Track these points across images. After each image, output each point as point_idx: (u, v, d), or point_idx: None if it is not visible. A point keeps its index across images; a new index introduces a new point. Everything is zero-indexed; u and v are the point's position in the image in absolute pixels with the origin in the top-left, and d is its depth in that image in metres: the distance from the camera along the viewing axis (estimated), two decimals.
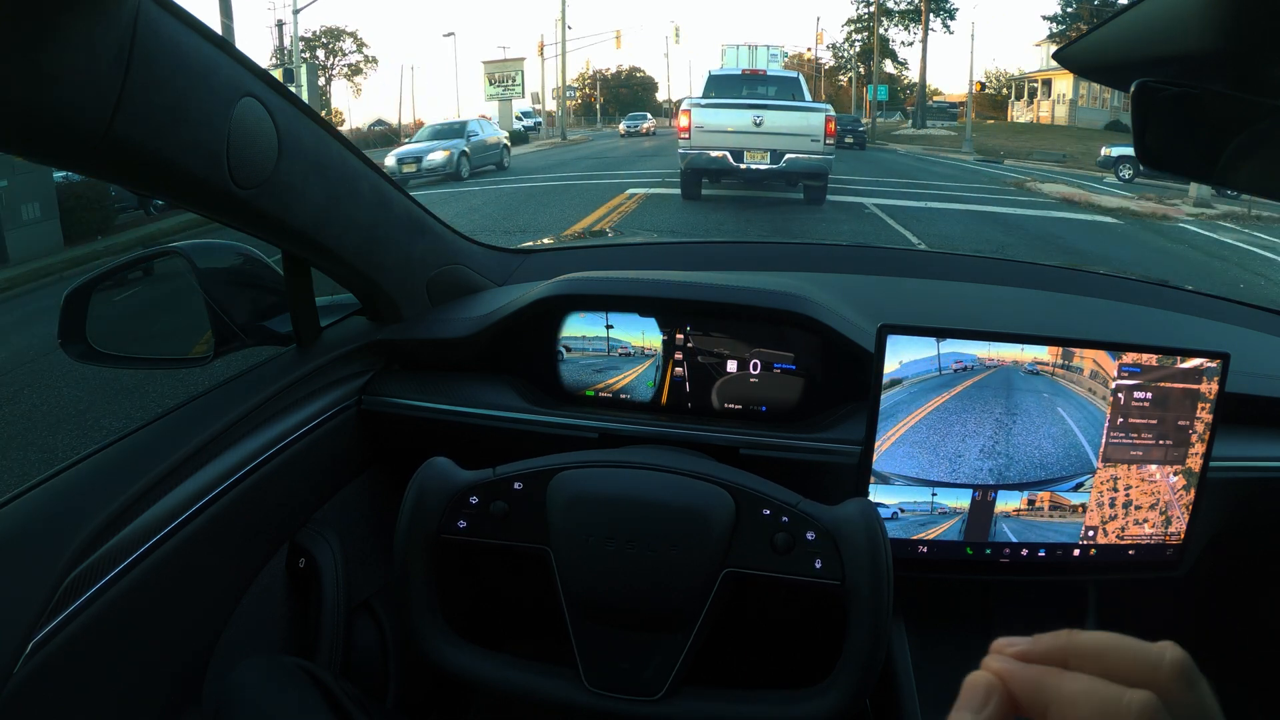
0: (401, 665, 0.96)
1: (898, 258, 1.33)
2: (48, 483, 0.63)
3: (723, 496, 0.71)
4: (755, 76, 10.79)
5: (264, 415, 0.82)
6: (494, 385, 0.98)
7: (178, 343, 0.95)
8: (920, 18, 37.14)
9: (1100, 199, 11.77)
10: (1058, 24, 34.11)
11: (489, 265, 1.15)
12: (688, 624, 0.69)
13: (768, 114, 8.34)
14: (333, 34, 39.00)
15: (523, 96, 29.48)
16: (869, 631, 0.66)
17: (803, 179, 8.74)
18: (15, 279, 6.53)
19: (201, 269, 0.87)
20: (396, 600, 0.74)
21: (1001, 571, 0.87)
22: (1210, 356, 0.81)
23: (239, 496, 0.75)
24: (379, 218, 0.89)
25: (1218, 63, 0.42)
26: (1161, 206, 11.04)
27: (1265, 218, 10.27)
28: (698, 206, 9.15)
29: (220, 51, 0.61)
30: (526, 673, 0.72)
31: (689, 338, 0.96)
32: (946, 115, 39.77)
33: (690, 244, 1.67)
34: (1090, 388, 0.82)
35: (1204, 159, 0.46)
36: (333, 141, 0.80)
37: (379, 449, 1.00)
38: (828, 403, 0.95)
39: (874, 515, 0.68)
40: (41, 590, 0.55)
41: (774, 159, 8.30)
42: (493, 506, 0.72)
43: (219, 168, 0.62)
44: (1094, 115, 31.81)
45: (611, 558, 0.69)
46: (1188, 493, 0.84)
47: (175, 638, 0.69)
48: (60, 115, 0.48)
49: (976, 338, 0.81)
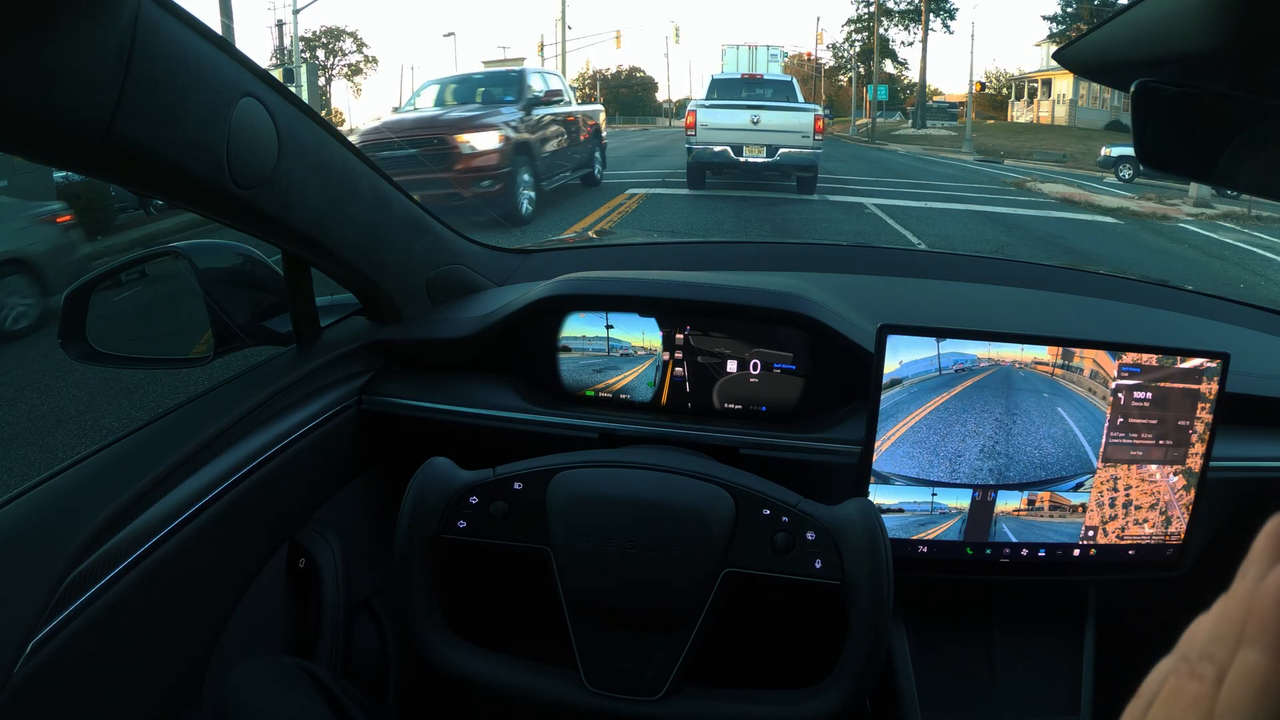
0: (401, 665, 0.96)
1: (898, 258, 1.33)
2: (48, 483, 0.63)
3: (723, 496, 0.71)
4: (753, 80, 12.17)
5: (264, 415, 0.82)
6: (494, 385, 0.98)
7: (178, 343, 0.95)
8: (920, 18, 37.16)
9: (1100, 199, 11.76)
10: (1058, 24, 34.16)
11: (489, 265, 1.15)
12: (688, 624, 0.69)
13: (764, 114, 9.55)
14: (333, 34, 39.04)
15: None
16: (869, 631, 0.66)
17: (795, 171, 10.05)
18: None
19: (201, 269, 0.87)
20: (396, 600, 0.74)
21: (1001, 571, 0.87)
22: (1210, 356, 0.81)
23: (239, 496, 0.75)
24: (379, 218, 0.89)
25: (1218, 63, 0.42)
26: (1161, 206, 11.04)
27: (1265, 218, 10.27)
28: (697, 207, 9.18)
29: (220, 51, 0.61)
30: (526, 673, 0.72)
31: (689, 338, 0.96)
32: (946, 115, 39.76)
33: (690, 244, 1.68)
34: (1090, 388, 0.82)
35: (1204, 159, 0.46)
36: (333, 141, 0.80)
37: (379, 449, 1.00)
38: (828, 403, 0.95)
39: (874, 515, 0.68)
40: (41, 590, 0.55)
41: (769, 153, 9.58)
42: (492, 507, 0.72)
43: (219, 168, 0.62)
44: (1094, 115, 31.82)
45: (611, 558, 0.69)
46: (1188, 493, 0.84)
47: (175, 638, 0.69)
48: (60, 115, 0.48)
49: (976, 338, 0.81)
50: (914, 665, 0.91)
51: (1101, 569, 0.87)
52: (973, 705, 0.90)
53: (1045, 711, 0.90)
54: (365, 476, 0.99)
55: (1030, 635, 0.94)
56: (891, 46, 40.75)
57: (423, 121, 7.36)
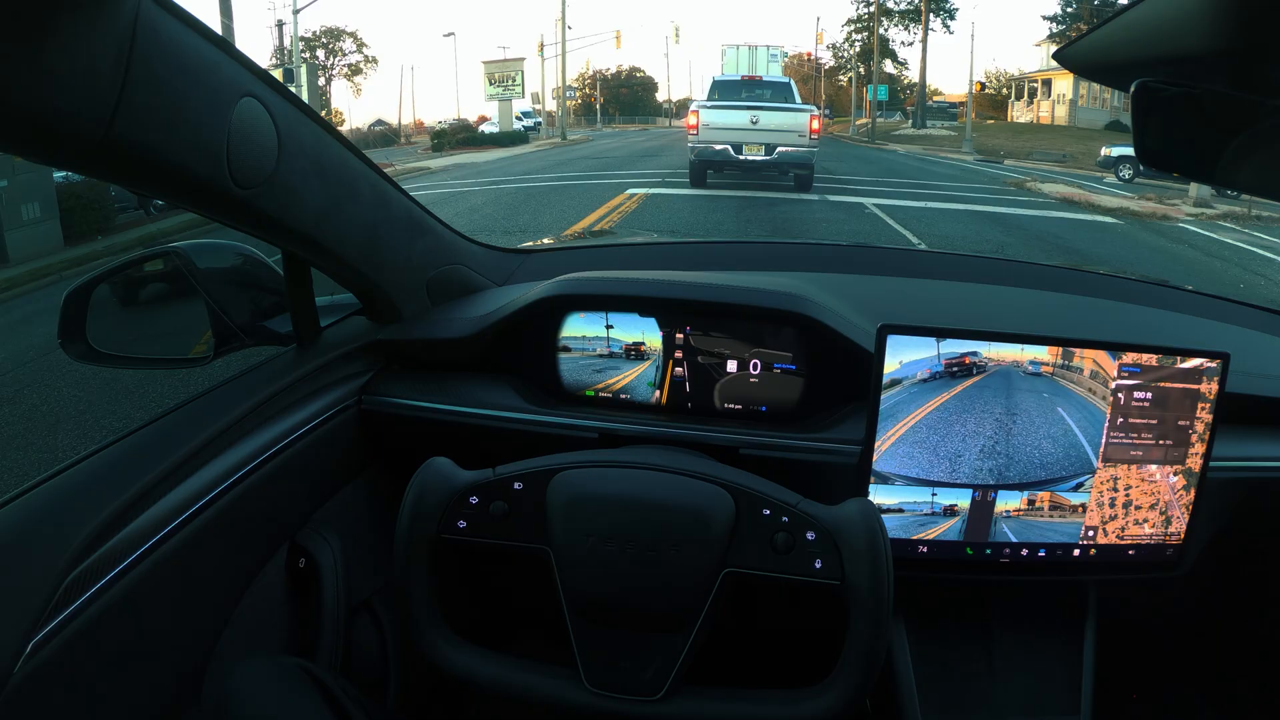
0: (401, 665, 0.96)
1: (898, 258, 1.33)
2: (48, 483, 0.63)
3: (723, 496, 0.71)
4: (753, 81, 12.83)
5: (264, 415, 0.82)
6: (494, 385, 0.98)
7: (178, 343, 0.96)
8: (920, 18, 37.14)
9: (1100, 199, 11.76)
10: (1058, 24, 34.15)
11: (489, 265, 1.15)
12: (688, 624, 0.69)
13: (762, 114, 10.07)
14: (333, 34, 39.01)
15: (523, 96, 29.41)
16: (869, 631, 0.66)
17: (792, 169, 10.58)
18: (15, 279, 6.52)
19: (201, 269, 0.87)
20: (396, 600, 0.74)
21: (1001, 571, 0.87)
22: (1210, 356, 0.81)
23: (239, 496, 0.75)
24: (379, 218, 0.89)
25: (1218, 63, 0.42)
26: (1161, 206, 11.04)
27: (1265, 218, 10.27)
28: (697, 207, 9.20)
29: (220, 51, 0.61)
30: (526, 673, 0.72)
31: (689, 338, 0.96)
32: (946, 115, 39.74)
33: (690, 244, 1.68)
34: (1090, 388, 0.82)
35: (1204, 159, 0.46)
36: (333, 141, 0.80)
37: (379, 449, 1.00)
38: (828, 403, 0.95)
39: (874, 515, 0.68)
40: (41, 590, 0.55)
41: (768, 151, 10.12)
42: (493, 507, 0.72)
43: (219, 168, 0.62)
44: (1094, 115, 31.80)
45: (611, 558, 0.69)
46: (1188, 493, 0.84)
47: (175, 638, 0.69)
48: (60, 115, 0.48)
49: (976, 338, 0.81)
50: (914, 665, 0.91)
51: (1101, 569, 0.87)
52: (973, 705, 0.90)
53: (1045, 711, 0.90)
54: (365, 476, 0.99)
55: (1030, 635, 0.94)
56: (891, 46, 40.76)
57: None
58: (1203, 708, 1.13)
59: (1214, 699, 1.13)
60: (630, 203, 9.59)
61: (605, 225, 8.23)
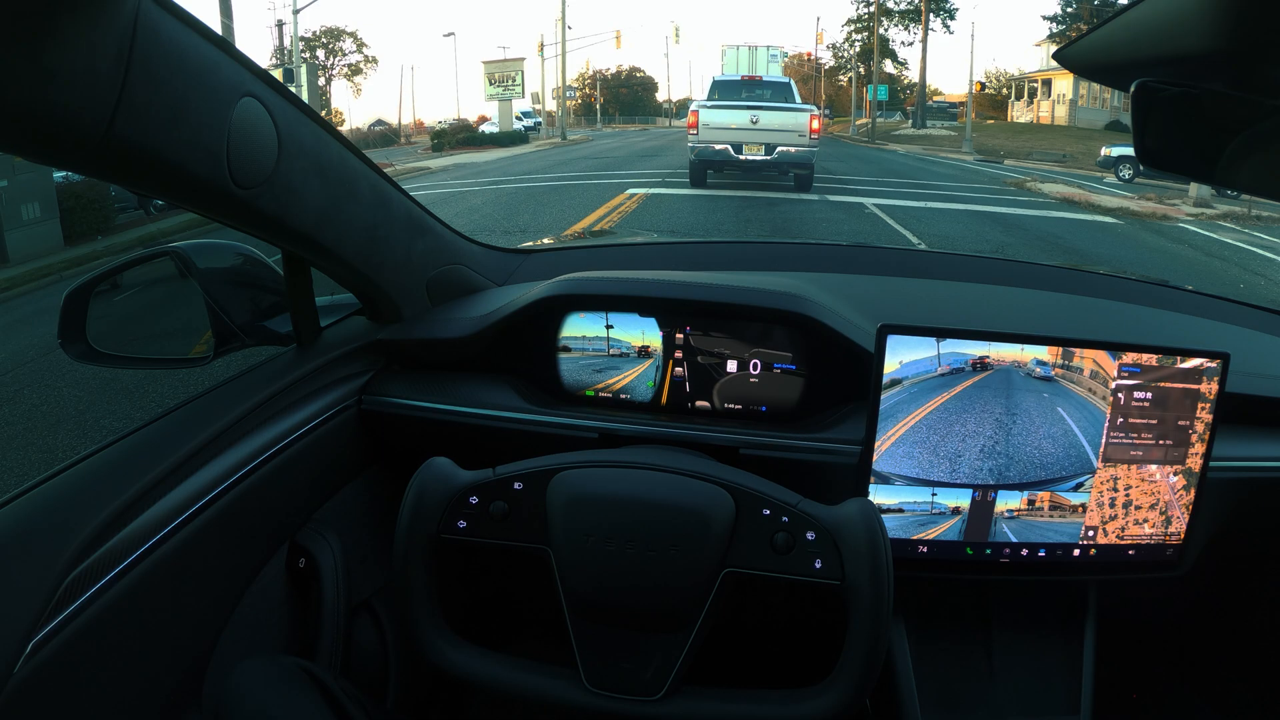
0: (401, 665, 0.96)
1: (898, 258, 1.33)
2: (48, 483, 0.63)
3: (723, 496, 0.71)
4: (753, 81, 12.77)
5: (264, 415, 0.82)
6: (494, 385, 0.98)
7: (178, 343, 0.95)
8: (920, 18, 37.14)
9: (1100, 199, 11.76)
10: (1058, 24, 34.13)
11: (489, 265, 1.15)
12: (687, 624, 0.69)
13: (762, 114, 10.06)
14: (333, 34, 39.01)
15: (523, 96, 29.41)
16: (869, 631, 0.66)
17: (792, 168, 10.55)
18: (15, 279, 6.52)
19: (201, 269, 0.87)
20: (396, 600, 0.74)
21: (1001, 571, 0.87)
22: (1210, 356, 0.81)
23: (239, 496, 0.75)
24: (379, 218, 0.89)
25: (1218, 63, 0.42)
26: (1161, 206, 11.04)
27: (1265, 218, 10.27)
28: (697, 207, 9.20)
29: (220, 51, 0.61)
30: (526, 673, 0.72)
31: (689, 338, 0.96)
32: (946, 115, 39.76)
33: (690, 244, 1.68)
34: (1090, 388, 0.82)
35: (1204, 159, 0.46)
36: (333, 141, 0.80)
37: (379, 449, 1.00)
38: (828, 403, 0.95)
39: (874, 515, 0.68)
40: (41, 590, 0.55)
41: (768, 151, 10.12)
42: (493, 506, 0.72)
43: (219, 168, 0.62)
44: (1094, 115, 31.81)
45: (611, 558, 0.69)
46: (1188, 493, 0.84)
47: (175, 638, 0.69)
48: (60, 115, 0.48)
49: (976, 338, 0.81)
50: (914, 665, 0.91)
51: (1101, 569, 0.87)
52: (973, 705, 0.90)
53: (1045, 711, 0.90)
54: (365, 476, 0.99)
55: (1030, 635, 0.94)
56: (891, 46, 40.76)
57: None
58: (1203, 708, 1.13)
59: (1214, 699, 1.13)
60: (630, 203, 9.59)
61: (605, 225, 8.23)
